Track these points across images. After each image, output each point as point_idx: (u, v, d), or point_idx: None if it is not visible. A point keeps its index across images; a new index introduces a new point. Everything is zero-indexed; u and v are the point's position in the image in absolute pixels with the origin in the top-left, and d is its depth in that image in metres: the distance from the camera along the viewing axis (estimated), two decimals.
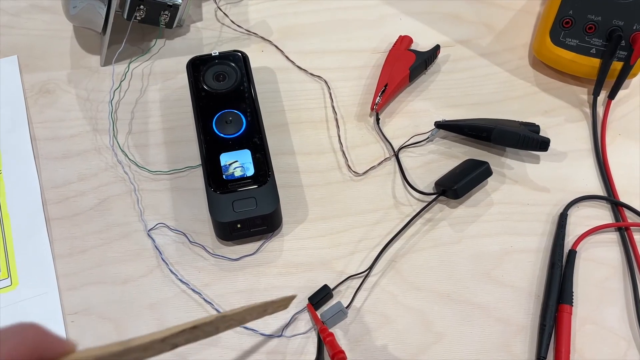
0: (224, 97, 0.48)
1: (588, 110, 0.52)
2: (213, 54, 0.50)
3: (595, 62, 0.51)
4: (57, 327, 0.42)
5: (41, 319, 0.42)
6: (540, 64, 0.54)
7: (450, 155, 0.50)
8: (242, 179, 0.44)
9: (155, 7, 0.50)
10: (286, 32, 0.55)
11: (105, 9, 0.48)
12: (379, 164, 0.49)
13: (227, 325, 0.31)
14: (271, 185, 0.44)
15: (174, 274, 0.44)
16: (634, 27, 0.49)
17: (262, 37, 0.55)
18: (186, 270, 0.44)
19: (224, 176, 0.44)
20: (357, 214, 0.47)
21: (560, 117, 0.52)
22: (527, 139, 0.47)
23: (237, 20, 0.56)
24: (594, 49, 0.51)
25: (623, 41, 0.49)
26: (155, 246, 0.45)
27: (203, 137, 0.46)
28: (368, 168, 0.49)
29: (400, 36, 0.54)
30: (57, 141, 0.49)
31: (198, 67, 0.49)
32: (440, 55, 0.54)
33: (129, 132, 0.50)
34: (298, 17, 0.56)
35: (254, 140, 0.46)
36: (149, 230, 0.45)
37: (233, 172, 0.44)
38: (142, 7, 0.50)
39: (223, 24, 0.56)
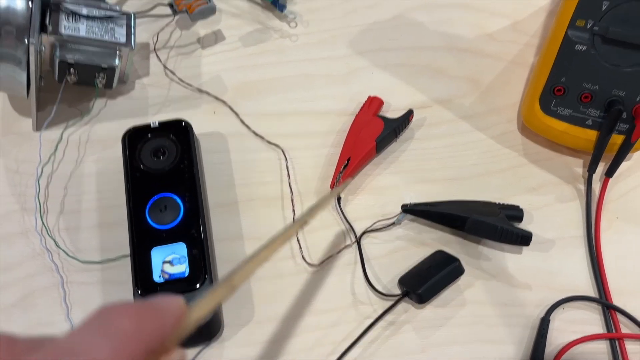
0: (161, 178, 0.42)
1: (582, 188, 0.45)
2: (152, 125, 0.44)
3: (592, 134, 0.44)
4: None
5: None
6: (530, 129, 0.47)
7: (419, 243, 0.44)
8: (174, 281, 0.39)
9: (88, 70, 0.44)
10: (242, 90, 0.49)
11: (25, 75, 0.42)
12: (338, 252, 0.43)
13: None
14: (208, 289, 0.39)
15: None
16: (638, 99, 0.42)
17: (214, 97, 0.49)
18: None
19: (154, 277, 0.39)
20: (311, 314, 0.41)
21: (550, 195, 0.45)
22: (506, 233, 0.41)
23: (188, 76, 0.49)
24: (590, 120, 0.44)
25: (624, 113, 0.42)
26: None
27: (134, 229, 0.41)
28: (325, 257, 0.43)
29: (369, 97, 0.47)
30: None
31: (134, 141, 0.44)
32: (415, 119, 0.47)
33: (60, 212, 0.45)
34: (257, 72, 0.50)
35: (192, 232, 0.41)
36: None
37: (165, 272, 0.39)
38: (72, 70, 0.44)
39: (172, 80, 0.49)
